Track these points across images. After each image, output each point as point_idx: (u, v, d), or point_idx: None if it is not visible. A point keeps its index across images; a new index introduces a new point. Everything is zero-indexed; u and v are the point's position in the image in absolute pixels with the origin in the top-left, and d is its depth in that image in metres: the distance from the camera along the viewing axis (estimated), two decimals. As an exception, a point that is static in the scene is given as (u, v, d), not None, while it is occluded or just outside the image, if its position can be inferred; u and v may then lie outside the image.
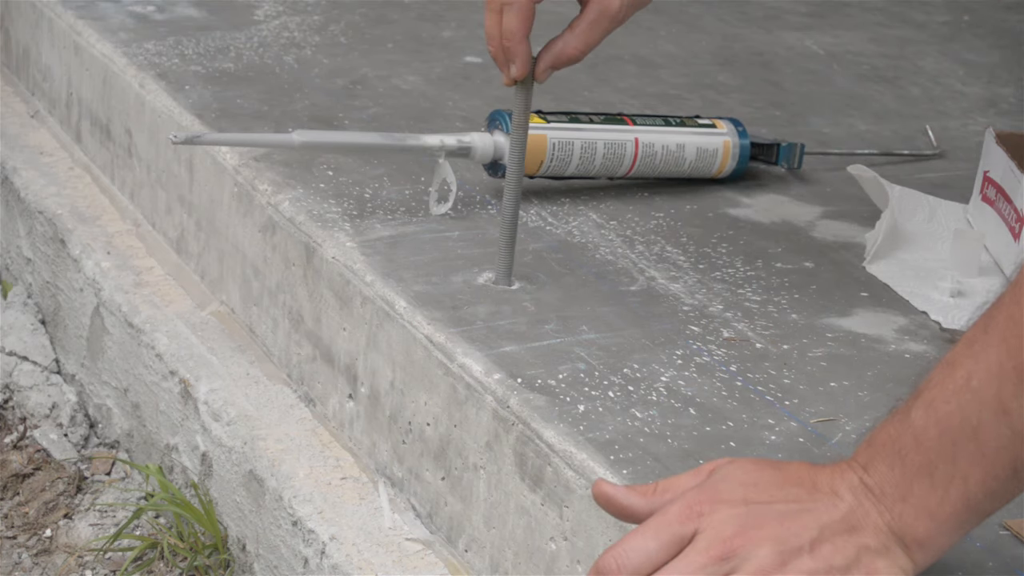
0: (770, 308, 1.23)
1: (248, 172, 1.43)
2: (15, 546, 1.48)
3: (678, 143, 1.45)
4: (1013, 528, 0.94)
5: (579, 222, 1.38)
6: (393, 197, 1.39)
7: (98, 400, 1.62)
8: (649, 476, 0.97)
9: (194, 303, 1.53)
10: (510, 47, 1.13)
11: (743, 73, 1.90)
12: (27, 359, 1.70)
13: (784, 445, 1.02)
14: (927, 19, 2.26)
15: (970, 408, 0.82)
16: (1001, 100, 1.92)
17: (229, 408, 1.36)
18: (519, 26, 1.12)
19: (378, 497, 1.23)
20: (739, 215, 1.44)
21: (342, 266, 1.27)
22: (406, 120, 1.59)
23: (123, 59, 1.71)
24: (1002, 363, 0.81)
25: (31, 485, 1.56)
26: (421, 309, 1.18)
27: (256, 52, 1.78)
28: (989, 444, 0.81)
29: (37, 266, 1.77)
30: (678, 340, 1.16)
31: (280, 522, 1.25)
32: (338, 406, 1.30)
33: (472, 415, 1.11)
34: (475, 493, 1.12)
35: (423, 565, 1.15)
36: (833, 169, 1.58)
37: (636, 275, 1.28)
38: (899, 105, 1.85)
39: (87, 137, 1.82)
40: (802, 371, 1.13)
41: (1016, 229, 1.31)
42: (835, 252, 1.37)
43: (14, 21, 2.06)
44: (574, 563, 1.01)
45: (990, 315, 0.83)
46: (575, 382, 1.09)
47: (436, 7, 2.05)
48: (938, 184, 1.54)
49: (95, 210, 1.72)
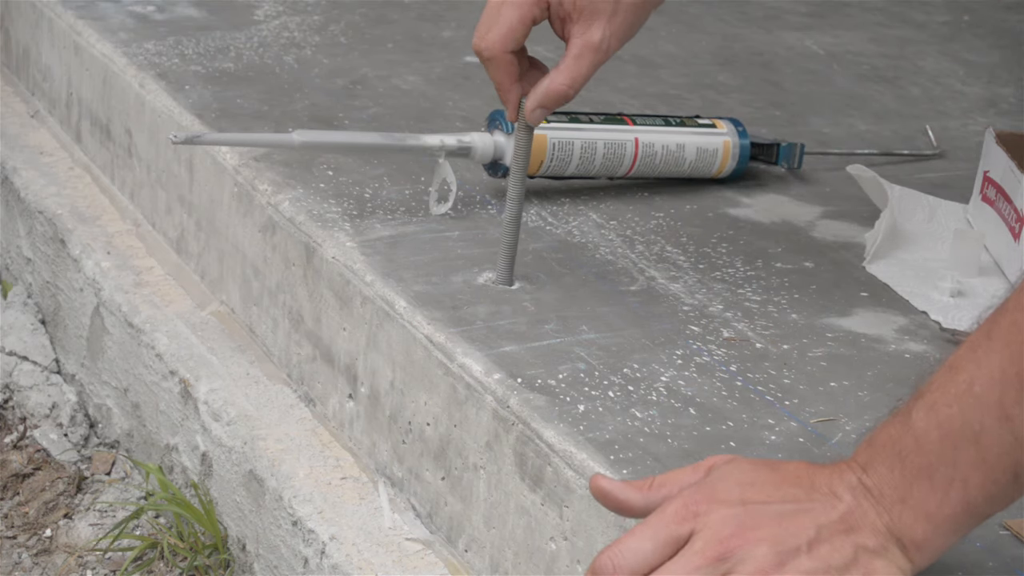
0: (770, 308, 1.23)
1: (248, 172, 1.44)
2: (15, 546, 1.48)
3: (678, 143, 1.45)
4: (1013, 528, 0.94)
5: (579, 222, 1.38)
6: (393, 197, 1.39)
7: (98, 400, 1.62)
8: (649, 476, 0.97)
9: (194, 303, 1.53)
10: (500, 95, 1.17)
11: (743, 73, 1.90)
12: (27, 359, 1.70)
13: (784, 445, 1.02)
14: (927, 19, 2.26)
15: (972, 413, 0.82)
16: (1001, 100, 1.92)
17: (229, 408, 1.36)
18: (504, 77, 1.15)
19: (378, 497, 1.23)
20: (739, 215, 1.44)
21: (342, 266, 1.27)
22: (406, 120, 1.59)
23: (123, 59, 1.71)
24: (1004, 369, 0.81)
25: (31, 485, 1.56)
26: (421, 309, 1.19)
27: (256, 52, 1.78)
28: (990, 449, 0.81)
29: (37, 266, 1.77)
30: (678, 340, 1.16)
31: (280, 522, 1.25)
32: (338, 406, 1.30)
33: (472, 415, 1.11)
34: (475, 493, 1.12)
35: (423, 565, 1.15)
36: (833, 169, 1.58)
37: (636, 275, 1.28)
38: (899, 105, 1.85)
39: (87, 137, 1.83)
40: (802, 371, 1.13)
41: (1016, 229, 1.31)
42: (835, 252, 1.37)
43: (14, 21, 2.06)
44: (574, 563, 1.01)
45: (993, 320, 0.83)
46: (575, 382, 1.09)
47: (436, 7, 2.05)
48: (938, 184, 1.54)
49: (95, 210, 1.72)
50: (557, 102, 1.16)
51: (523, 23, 1.13)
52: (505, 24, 1.13)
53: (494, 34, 1.13)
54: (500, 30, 1.13)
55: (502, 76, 1.15)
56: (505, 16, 1.13)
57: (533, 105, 1.16)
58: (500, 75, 1.15)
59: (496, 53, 1.14)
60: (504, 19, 1.13)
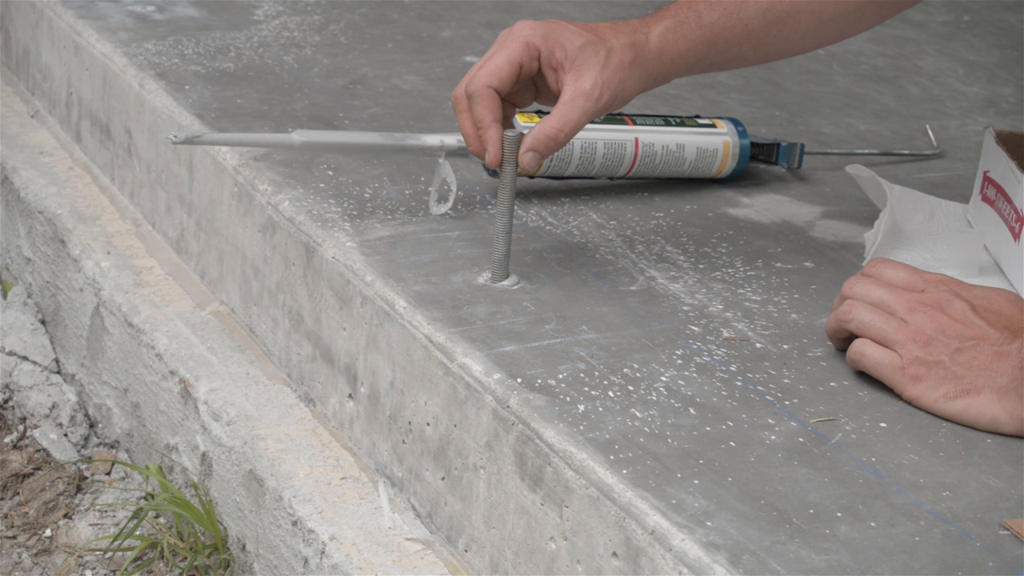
0: (770, 308, 1.23)
1: (248, 172, 1.44)
2: (15, 546, 1.48)
3: (678, 143, 1.45)
4: (1013, 528, 0.94)
5: (579, 222, 1.38)
6: (393, 197, 1.39)
7: (98, 400, 1.62)
8: (649, 476, 0.97)
9: (194, 303, 1.53)
10: (482, 134, 1.19)
11: (743, 73, 1.90)
12: (27, 359, 1.70)
13: (784, 445, 1.02)
14: (927, 19, 2.26)
15: None
16: (1001, 100, 1.92)
17: (229, 408, 1.36)
18: (486, 113, 1.19)
19: (378, 497, 1.23)
20: (739, 215, 1.44)
21: (342, 266, 1.27)
22: (406, 120, 1.59)
23: (123, 59, 1.71)
24: None
25: (31, 485, 1.56)
26: (421, 309, 1.19)
27: (256, 52, 1.78)
28: None
29: (37, 266, 1.77)
30: (678, 340, 1.16)
31: (280, 522, 1.25)
32: (338, 406, 1.30)
33: (472, 415, 1.11)
34: (475, 493, 1.12)
35: (423, 565, 1.15)
36: (833, 169, 1.58)
37: (636, 275, 1.28)
38: (899, 105, 1.85)
39: (87, 137, 1.83)
40: (802, 371, 1.13)
41: (1016, 229, 1.31)
42: (835, 252, 1.37)
43: (14, 21, 2.06)
44: (574, 563, 1.01)
45: None
46: (575, 382, 1.09)
47: (436, 7, 2.05)
48: (938, 184, 1.54)
49: (95, 210, 1.72)
50: (548, 146, 1.19)
51: (511, 64, 1.19)
52: (493, 63, 1.19)
53: (481, 72, 1.19)
54: (487, 68, 1.19)
55: (483, 111, 1.19)
56: (494, 57, 1.19)
57: (525, 148, 1.19)
58: (481, 110, 1.19)
59: (479, 87, 1.18)
60: (493, 60, 1.19)
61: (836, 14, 1.27)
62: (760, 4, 1.25)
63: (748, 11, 1.25)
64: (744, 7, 1.25)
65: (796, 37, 1.28)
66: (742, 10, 1.25)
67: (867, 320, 1.10)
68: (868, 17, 1.30)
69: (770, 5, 1.25)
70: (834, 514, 0.95)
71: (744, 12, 1.25)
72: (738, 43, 1.25)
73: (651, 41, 1.22)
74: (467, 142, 1.21)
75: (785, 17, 1.26)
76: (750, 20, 1.25)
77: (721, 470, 0.99)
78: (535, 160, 1.19)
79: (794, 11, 1.26)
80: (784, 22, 1.26)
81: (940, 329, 1.07)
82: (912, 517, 0.95)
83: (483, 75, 1.19)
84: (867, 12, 1.29)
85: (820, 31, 1.29)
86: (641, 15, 1.26)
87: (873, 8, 1.29)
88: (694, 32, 1.23)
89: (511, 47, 1.19)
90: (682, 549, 0.92)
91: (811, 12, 1.27)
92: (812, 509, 0.95)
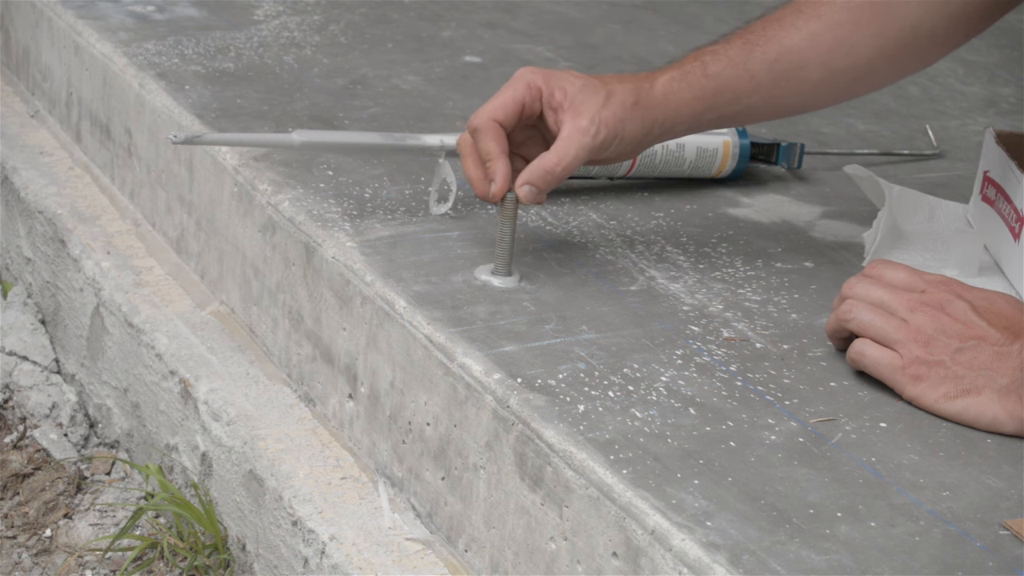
0: (770, 308, 1.24)
1: (248, 172, 1.44)
2: (15, 546, 1.48)
3: (678, 143, 1.45)
4: (1013, 528, 0.94)
5: (579, 222, 1.38)
6: (393, 197, 1.39)
7: (98, 400, 1.62)
8: (649, 476, 0.97)
9: (194, 303, 1.53)
10: (489, 166, 1.21)
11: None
12: (27, 359, 1.70)
13: (784, 445, 1.02)
14: (927, 19, 2.26)
15: None
16: (1001, 100, 1.92)
17: (229, 408, 1.36)
18: (490, 143, 1.20)
19: (378, 497, 1.23)
20: (739, 215, 1.44)
21: (342, 266, 1.27)
22: (406, 120, 1.59)
23: (123, 59, 1.71)
24: None
25: (31, 485, 1.56)
26: (421, 309, 1.19)
27: (256, 52, 1.78)
28: None
29: (37, 266, 1.77)
30: (678, 340, 1.16)
31: (280, 522, 1.25)
32: (338, 406, 1.30)
33: (472, 415, 1.11)
34: (475, 493, 1.12)
35: (423, 565, 1.15)
36: (833, 169, 1.58)
37: (636, 275, 1.28)
38: (899, 105, 1.85)
39: (87, 137, 1.83)
40: (802, 371, 1.13)
41: (1016, 229, 1.31)
42: (835, 252, 1.37)
43: (14, 21, 2.06)
44: (574, 563, 1.01)
45: None
46: (575, 382, 1.09)
47: (436, 7, 2.05)
48: (938, 184, 1.54)
49: (95, 210, 1.72)
50: (545, 180, 1.20)
51: (514, 101, 1.21)
52: (495, 100, 1.22)
53: (483, 108, 1.21)
54: (490, 105, 1.21)
55: (489, 142, 1.20)
56: (497, 96, 1.22)
57: (522, 181, 1.20)
58: (487, 141, 1.20)
59: (483, 120, 1.20)
60: (495, 98, 1.22)
61: (845, 66, 1.26)
62: (767, 56, 1.25)
63: (754, 62, 1.25)
64: (750, 59, 1.25)
65: (807, 90, 1.28)
66: (748, 61, 1.25)
67: (867, 320, 1.10)
68: (880, 71, 1.29)
69: (777, 57, 1.25)
70: (834, 514, 0.95)
71: (751, 63, 1.25)
72: (746, 95, 1.25)
73: (655, 88, 1.23)
74: (472, 185, 1.22)
75: (793, 69, 1.26)
76: (757, 71, 1.25)
77: (721, 470, 0.99)
78: (532, 193, 1.20)
79: (802, 63, 1.26)
80: (792, 74, 1.26)
81: (941, 329, 1.07)
82: (912, 517, 0.95)
83: (486, 110, 1.21)
84: (878, 66, 1.28)
85: (831, 84, 1.28)
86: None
87: (884, 63, 1.28)
88: (699, 81, 1.24)
89: (514, 87, 1.22)
90: (682, 549, 0.92)
91: (819, 64, 1.26)
92: (812, 509, 0.95)
